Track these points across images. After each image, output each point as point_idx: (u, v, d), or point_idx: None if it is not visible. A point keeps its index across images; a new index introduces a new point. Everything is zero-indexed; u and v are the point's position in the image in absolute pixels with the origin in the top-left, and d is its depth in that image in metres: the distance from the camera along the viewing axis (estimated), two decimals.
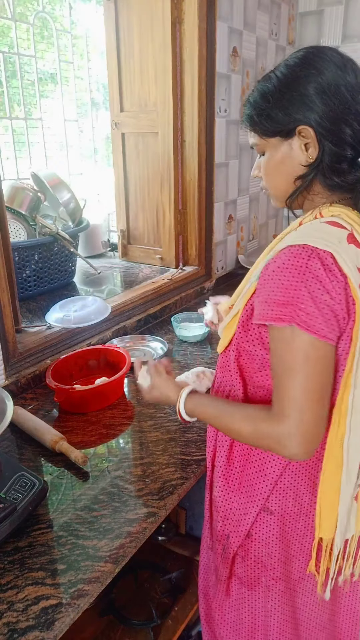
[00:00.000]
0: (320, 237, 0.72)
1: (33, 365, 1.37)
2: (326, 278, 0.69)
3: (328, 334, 0.70)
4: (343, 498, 0.80)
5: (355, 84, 0.75)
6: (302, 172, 0.79)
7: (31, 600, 0.75)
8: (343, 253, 0.71)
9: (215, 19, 1.85)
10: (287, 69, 0.78)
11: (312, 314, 0.69)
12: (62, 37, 2.44)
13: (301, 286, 0.69)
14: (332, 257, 0.70)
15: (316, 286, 0.69)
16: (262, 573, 0.91)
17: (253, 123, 0.82)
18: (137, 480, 1.01)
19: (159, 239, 2.14)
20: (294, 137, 0.78)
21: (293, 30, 2.63)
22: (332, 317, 0.71)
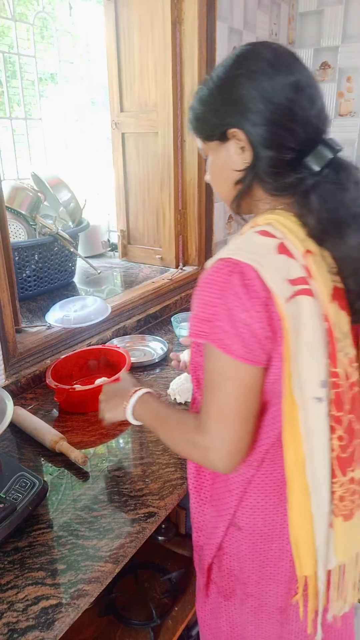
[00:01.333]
0: (247, 249, 0.69)
1: (33, 365, 1.37)
2: (244, 295, 0.66)
3: (245, 355, 0.67)
4: (318, 529, 0.75)
5: (289, 81, 0.71)
6: (241, 176, 0.77)
7: (31, 600, 0.75)
8: (269, 266, 0.67)
9: (215, 19, 1.85)
10: (222, 70, 0.76)
11: (228, 333, 0.67)
12: (62, 37, 2.44)
13: (219, 302, 0.67)
14: (255, 272, 0.66)
15: (234, 304, 0.66)
16: (236, 585, 0.89)
17: (193, 127, 0.81)
18: (137, 480, 1.01)
19: (159, 239, 2.14)
20: (230, 141, 0.76)
21: (293, 30, 2.63)
22: (250, 337, 0.67)
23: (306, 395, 0.70)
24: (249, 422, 0.72)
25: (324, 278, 0.70)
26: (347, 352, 0.73)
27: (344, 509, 0.76)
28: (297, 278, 0.68)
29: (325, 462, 0.74)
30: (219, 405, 0.71)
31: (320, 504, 0.75)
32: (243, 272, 0.67)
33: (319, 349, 0.69)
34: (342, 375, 0.72)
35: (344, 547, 0.79)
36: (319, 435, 0.72)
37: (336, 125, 2.74)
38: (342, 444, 0.74)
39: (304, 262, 0.69)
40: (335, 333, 0.70)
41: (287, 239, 0.70)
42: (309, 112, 0.72)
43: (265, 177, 0.75)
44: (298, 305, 0.67)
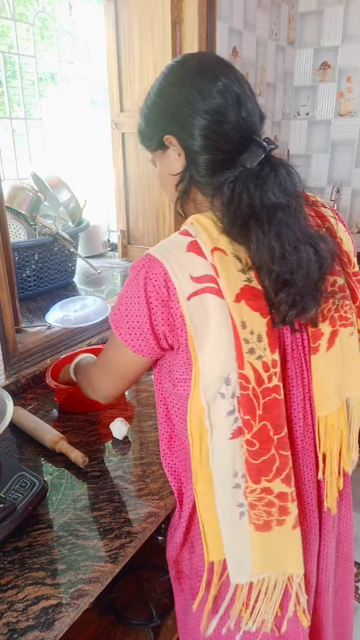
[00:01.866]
0: (164, 246, 0.72)
1: (33, 365, 1.37)
2: (142, 290, 0.71)
3: (130, 342, 0.76)
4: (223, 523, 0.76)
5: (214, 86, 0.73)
6: (178, 179, 0.80)
7: (31, 600, 0.75)
8: (176, 263, 0.69)
9: (215, 19, 1.85)
10: (156, 84, 0.81)
11: (121, 319, 0.75)
12: (62, 37, 2.44)
13: (124, 292, 0.74)
14: (162, 268, 0.70)
15: (132, 295, 0.72)
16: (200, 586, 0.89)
17: (139, 141, 0.87)
18: (137, 480, 1.01)
19: (159, 239, 2.13)
20: (170, 148, 0.79)
21: (293, 30, 2.63)
22: (137, 329, 0.74)
23: (210, 390, 0.71)
24: (120, 382, 0.88)
25: (230, 277, 0.69)
26: (261, 356, 0.70)
27: (255, 518, 0.75)
28: (202, 276, 0.69)
29: (226, 459, 0.74)
30: (104, 361, 0.88)
31: (223, 501, 0.76)
32: (151, 267, 0.71)
33: (223, 346, 0.70)
34: (251, 378, 0.70)
35: (260, 560, 0.77)
36: (221, 431, 0.73)
37: (336, 125, 2.75)
38: (253, 450, 0.72)
39: (212, 260, 0.69)
40: (242, 334, 0.69)
41: (200, 237, 0.71)
42: (237, 113, 0.74)
43: (200, 179, 0.77)
44: (203, 302, 0.69)
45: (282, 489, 0.75)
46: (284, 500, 0.75)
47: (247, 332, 0.69)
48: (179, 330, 0.72)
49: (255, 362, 0.70)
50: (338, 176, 2.83)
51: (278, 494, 0.74)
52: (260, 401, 0.71)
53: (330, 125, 2.76)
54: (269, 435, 0.72)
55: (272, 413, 0.72)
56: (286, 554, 0.78)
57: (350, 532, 1.01)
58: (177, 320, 0.71)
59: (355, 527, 1.04)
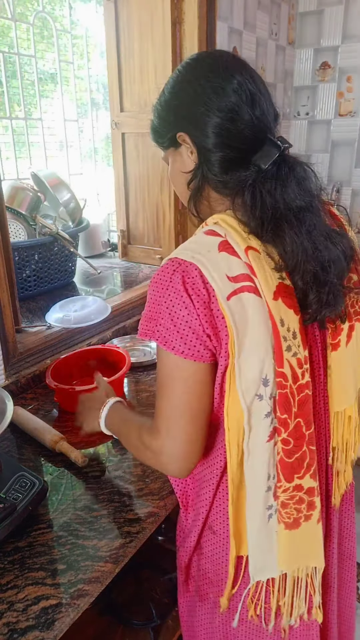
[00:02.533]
0: (191, 248, 0.70)
1: (33, 365, 1.37)
2: (184, 293, 0.67)
3: (187, 351, 0.69)
4: (250, 528, 0.76)
5: (228, 84, 0.73)
6: (190, 177, 0.80)
7: (31, 600, 0.75)
8: (209, 263, 0.68)
9: (215, 19, 1.85)
10: (170, 82, 0.80)
11: (169, 331, 0.69)
12: (62, 37, 2.44)
13: (162, 301, 0.69)
14: (197, 270, 0.68)
15: (175, 301, 0.68)
16: (209, 589, 0.89)
17: (152, 139, 0.87)
18: (137, 480, 1.01)
19: (159, 239, 2.14)
20: (182, 146, 0.79)
21: (293, 30, 2.63)
22: (191, 334, 0.68)
23: (248, 393, 0.70)
24: (197, 422, 0.72)
25: (266, 275, 0.69)
26: (296, 352, 0.70)
27: (286, 517, 0.75)
28: (238, 275, 0.68)
29: (262, 462, 0.72)
30: (166, 405, 0.72)
31: (255, 505, 0.74)
32: (185, 270, 0.68)
33: (262, 346, 0.69)
34: (289, 376, 0.70)
35: (287, 557, 0.77)
36: (258, 434, 0.71)
37: (336, 125, 2.75)
38: (287, 448, 0.72)
39: (246, 260, 0.69)
40: (281, 332, 0.69)
41: (230, 236, 0.70)
42: (252, 112, 0.73)
43: (212, 177, 0.77)
44: (242, 302, 0.68)
45: (311, 484, 0.75)
46: (312, 495, 0.75)
47: (285, 329, 0.69)
48: (221, 332, 0.69)
49: (292, 360, 0.70)
50: (338, 176, 2.83)
51: (307, 489, 0.75)
52: (296, 398, 0.71)
53: (330, 125, 2.76)
54: (302, 432, 0.72)
55: (304, 409, 0.72)
56: (311, 547, 0.79)
57: (352, 529, 1.01)
58: (219, 323, 0.69)
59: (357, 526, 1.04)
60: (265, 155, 0.72)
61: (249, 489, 0.74)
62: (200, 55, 0.79)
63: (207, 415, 0.74)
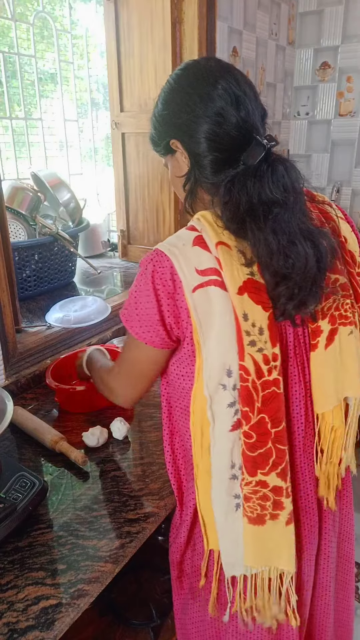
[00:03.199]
0: (171, 241, 0.75)
1: (33, 365, 1.37)
2: (151, 284, 0.73)
3: (141, 334, 0.77)
4: (217, 514, 0.77)
5: (212, 90, 0.76)
6: (184, 179, 0.83)
7: (31, 600, 0.75)
8: (181, 257, 0.72)
9: (215, 19, 1.85)
10: (162, 92, 0.84)
11: (131, 314, 0.77)
12: (62, 37, 2.44)
13: (134, 287, 0.76)
14: (169, 262, 0.72)
15: (141, 289, 0.74)
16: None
17: (152, 148, 0.91)
18: (137, 480, 1.01)
19: (159, 239, 2.14)
20: (177, 152, 0.83)
21: (293, 30, 2.63)
22: (147, 321, 0.75)
23: (211, 381, 0.73)
24: (138, 382, 0.86)
25: (233, 270, 0.71)
26: (262, 349, 0.71)
27: (249, 511, 0.76)
28: (206, 269, 0.71)
29: (225, 450, 0.75)
30: (120, 361, 0.88)
31: (219, 492, 0.77)
32: (159, 261, 0.73)
33: (225, 338, 0.71)
34: (251, 370, 0.71)
35: (253, 553, 0.78)
36: (222, 422, 0.74)
37: (336, 125, 2.75)
38: (250, 442, 0.73)
39: (216, 254, 0.71)
40: (243, 326, 0.70)
41: (205, 231, 0.73)
42: (237, 115, 0.76)
43: (203, 179, 0.80)
44: (208, 295, 0.71)
45: (277, 483, 0.75)
46: (279, 495, 0.75)
47: (248, 324, 0.70)
48: (184, 322, 0.74)
49: (255, 355, 0.71)
50: (338, 176, 2.83)
51: (273, 487, 0.75)
52: (260, 394, 0.72)
53: (330, 125, 2.76)
54: (266, 429, 0.73)
55: (270, 406, 0.73)
56: (279, 549, 0.78)
57: (351, 532, 1.01)
58: (182, 313, 0.73)
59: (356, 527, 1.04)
60: (251, 154, 0.74)
61: (214, 476, 0.77)
62: (187, 65, 0.83)
63: (150, 378, 0.86)
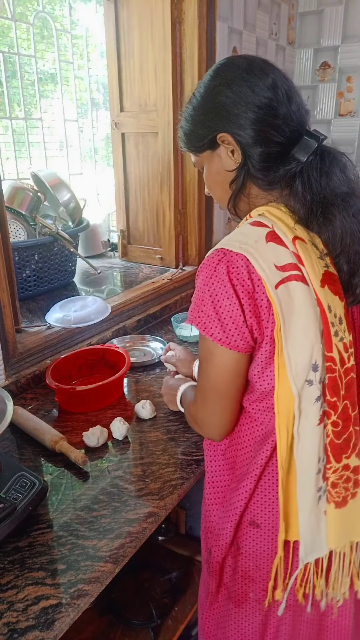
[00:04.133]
0: (237, 239, 0.73)
1: (33, 365, 1.37)
2: (228, 283, 0.70)
3: (224, 339, 0.73)
4: (302, 510, 0.78)
5: (264, 82, 0.76)
6: (233, 175, 0.82)
7: (31, 600, 0.75)
8: (257, 254, 0.70)
9: (215, 19, 1.85)
10: (202, 86, 0.82)
11: (210, 318, 0.73)
12: (62, 37, 2.44)
13: (205, 289, 0.73)
14: (243, 260, 0.70)
15: (219, 291, 0.71)
16: (249, 588, 0.89)
17: (184, 144, 0.87)
18: (137, 480, 1.01)
19: (159, 239, 2.14)
20: (220, 147, 0.81)
21: (293, 30, 2.63)
22: (230, 324, 0.72)
23: (298, 378, 0.73)
24: (227, 397, 0.79)
25: (313, 263, 0.72)
26: (342, 337, 0.74)
27: (336, 496, 0.78)
28: (285, 264, 0.71)
29: (312, 446, 0.76)
30: (202, 383, 0.81)
31: (305, 488, 0.77)
32: (230, 260, 0.71)
33: (311, 333, 0.72)
34: (337, 359, 0.73)
35: (336, 535, 0.80)
36: (309, 418, 0.75)
37: (336, 125, 2.75)
38: (337, 430, 0.75)
39: (293, 249, 0.71)
40: (329, 318, 0.72)
41: (277, 227, 0.73)
42: (288, 107, 0.77)
43: (257, 173, 0.79)
44: (289, 290, 0.71)
45: (357, 463, 0.79)
46: (358, 473, 0.79)
47: (332, 315, 0.72)
48: (264, 322, 0.72)
49: (339, 344, 0.73)
50: None
51: (354, 468, 0.78)
52: (343, 381, 0.74)
53: (330, 125, 2.76)
54: (349, 414, 0.76)
55: (351, 391, 0.76)
56: (355, 523, 0.82)
57: None
58: (263, 312, 0.72)
59: None
60: (304, 148, 0.75)
61: (299, 473, 0.77)
62: (230, 60, 0.81)
63: (238, 393, 0.79)
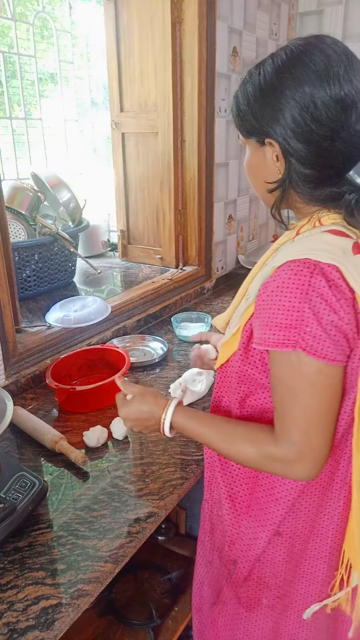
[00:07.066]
0: (322, 248, 0.67)
1: (33, 365, 1.37)
2: (332, 296, 0.64)
3: (338, 356, 0.66)
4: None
5: (335, 95, 0.66)
6: (274, 186, 0.76)
7: (31, 600, 0.75)
8: (350, 265, 0.65)
9: (215, 19, 1.85)
10: (269, 69, 0.72)
11: (319, 337, 0.65)
12: (62, 37, 2.45)
13: (305, 307, 0.65)
14: (337, 272, 0.65)
15: (322, 306, 0.64)
16: (263, 594, 0.87)
17: (234, 118, 0.79)
18: (137, 480, 1.01)
19: (159, 239, 2.14)
20: (266, 146, 0.74)
21: (293, 30, 2.63)
22: (342, 338, 0.66)
23: None
24: (331, 428, 0.70)
25: None
26: None
27: None
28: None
29: None
30: (305, 414, 0.68)
31: None
32: (325, 272, 0.65)
33: None
34: None
35: None
36: None
37: None
38: None
39: None
40: None
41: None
42: (354, 128, 0.68)
43: (299, 189, 0.74)
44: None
45: None
46: None
47: None
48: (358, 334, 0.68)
49: None
50: None
51: None
52: None
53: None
54: None
55: None
56: None
57: None
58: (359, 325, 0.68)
59: None
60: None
61: None
62: (309, 51, 0.68)
63: (336, 412, 0.72)
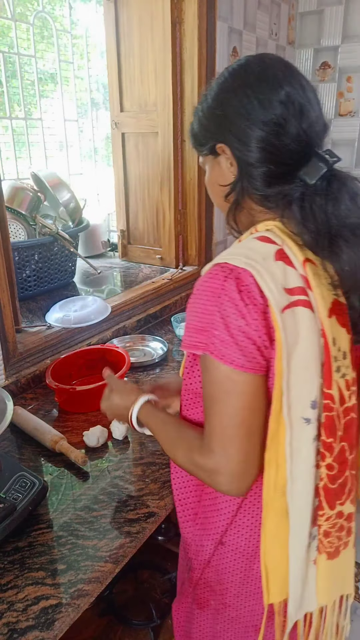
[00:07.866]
0: (242, 254, 0.65)
1: (33, 365, 1.37)
2: (240, 301, 0.63)
3: (246, 364, 0.63)
4: (293, 563, 0.70)
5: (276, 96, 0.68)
6: (228, 190, 0.76)
7: (31, 600, 0.75)
8: (265, 272, 0.63)
9: (215, 19, 1.85)
10: (214, 86, 0.75)
11: (226, 342, 0.63)
12: (62, 37, 2.45)
13: (215, 310, 0.64)
14: (251, 277, 0.63)
15: (230, 310, 0.63)
16: (210, 597, 0.87)
17: (192, 143, 0.82)
18: (137, 480, 1.01)
19: (159, 239, 2.14)
20: (221, 156, 0.75)
21: (293, 30, 2.63)
22: (250, 345, 0.63)
23: (294, 415, 0.65)
24: (254, 438, 0.67)
25: (322, 290, 0.65)
26: (345, 374, 0.67)
27: (328, 546, 0.71)
28: (294, 287, 0.64)
29: (307, 490, 0.68)
30: (221, 422, 0.66)
31: (299, 535, 0.70)
32: (239, 277, 0.64)
33: (312, 366, 0.65)
34: (336, 398, 0.66)
35: (327, 589, 0.74)
36: (304, 459, 0.67)
37: (336, 125, 2.75)
38: (332, 474, 0.68)
39: (303, 272, 0.65)
40: (332, 351, 0.65)
41: (286, 245, 0.67)
42: (298, 126, 0.69)
43: (252, 190, 0.73)
44: (295, 316, 0.64)
45: (350, 510, 0.72)
46: (350, 521, 0.73)
47: (336, 349, 0.66)
48: (273, 344, 0.65)
49: (340, 381, 0.67)
50: None
51: (347, 515, 0.72)
52: (342, 421, 0.67)
53: (330, 125, 2.76)
54: (345, 457, 0.69)
55: (349, 433, 0.69)
56: (345, 575, 0.76)
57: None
58: (273, 333, 0.64)
59: None
60: (312, 171, 0.68)
61: (293, 517, 0.69)
62: (248, 62, 0.73)
63: (262, 430, 0.68)
